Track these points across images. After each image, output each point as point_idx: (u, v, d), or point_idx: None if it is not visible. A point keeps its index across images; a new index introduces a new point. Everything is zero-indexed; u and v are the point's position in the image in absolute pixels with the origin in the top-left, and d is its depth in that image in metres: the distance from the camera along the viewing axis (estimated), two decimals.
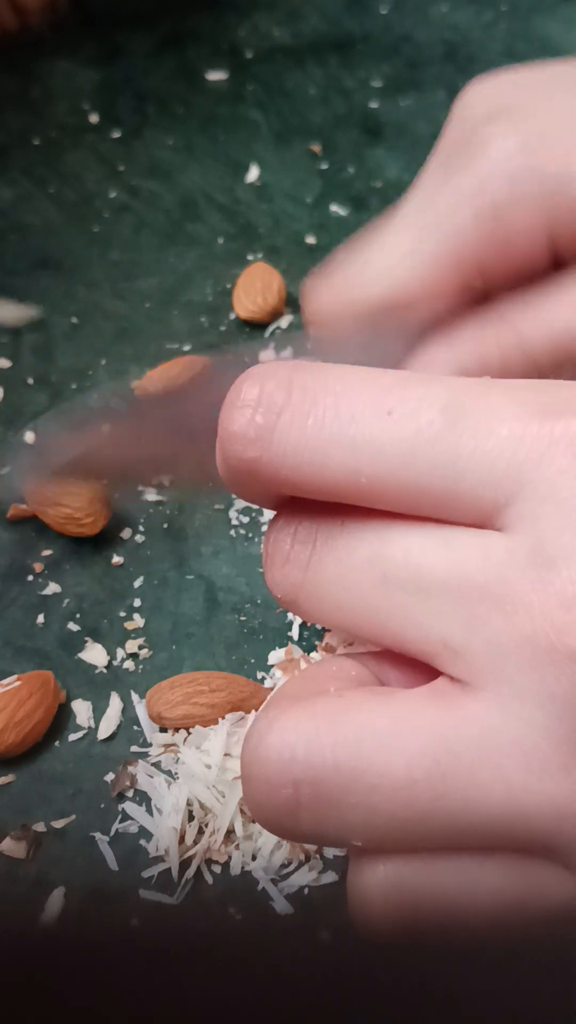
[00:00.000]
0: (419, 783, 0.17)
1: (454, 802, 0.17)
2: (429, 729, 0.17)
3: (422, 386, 0.18)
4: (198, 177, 0.44)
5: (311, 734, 0.18)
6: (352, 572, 0.18)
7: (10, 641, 0.29)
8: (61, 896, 0.24)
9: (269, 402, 0.18)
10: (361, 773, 0.17)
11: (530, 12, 0.52)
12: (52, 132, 0.46)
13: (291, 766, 0.17)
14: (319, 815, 0.17)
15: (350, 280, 0.26)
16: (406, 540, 0.18)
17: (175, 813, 0.25)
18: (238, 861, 0.24)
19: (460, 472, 0.17)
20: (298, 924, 0.23)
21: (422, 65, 0.49)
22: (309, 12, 0.53)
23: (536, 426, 0.17)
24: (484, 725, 0.17)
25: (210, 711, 0.26)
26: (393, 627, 0.18)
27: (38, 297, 0.39)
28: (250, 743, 0.18)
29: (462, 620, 0.17)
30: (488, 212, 0.24)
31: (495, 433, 0.17)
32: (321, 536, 0.19)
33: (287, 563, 0.20)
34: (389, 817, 0.17)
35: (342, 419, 0.18)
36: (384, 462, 0.18)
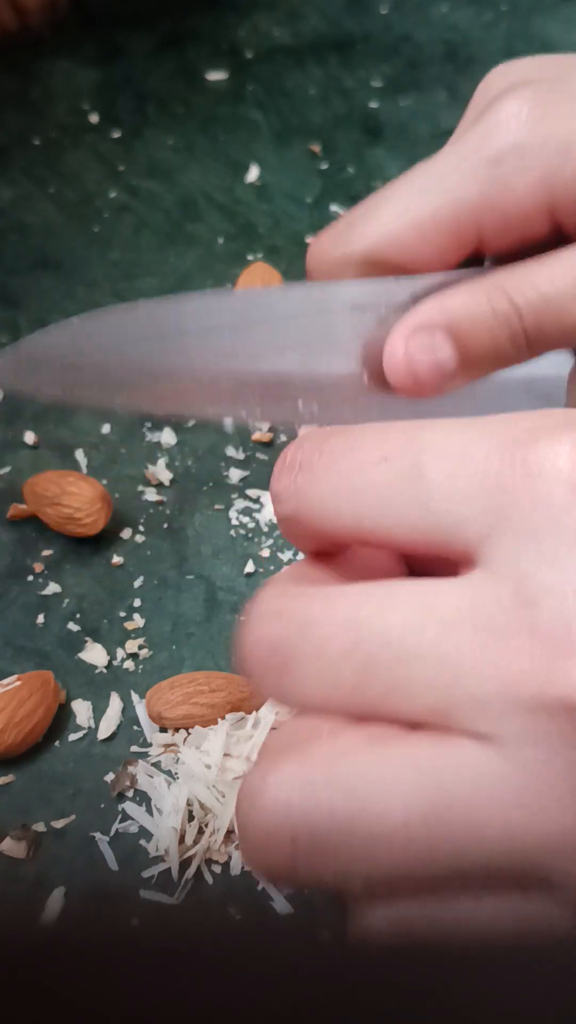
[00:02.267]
0: (416, 828, 0.17)
1: (452, 844, 0.17)
2: (425, 772, 0.17)
3: (406, 432, 0.20)
4: (198, 177, 0.44)
5: (306, 784, 0.18)
6: (330, 667, 0.18)
7: (10, 641, 0.29)
8: (61, 896, 0.24)
9: (304, 462, 0.21)
10: (358, 820, 0.17)
11: (530, 12, 0.52)
12: (52, 132, 0.46)
13: (287, 819, 0.17)
14: (317, 865, 0.17)
15: (349, 232, 0.26)
16: (381, 620, 0.18)
17: (175, 813, 0.25)
18: (238, 861, 0.24)
19: (436, 512, 0.18)
20: (298, 924, 0.23)
21: (422, 65, 0.49)
22: (309, 12, 0.53)
23: (508, 459, 0.18)
24: (478, 767, 0.17)
25: (210, 711, 0.26)
26: (383, 706, 0.18)
27: (38, 297, 0.39)
28: (245, 798, 0.18)
29: (450, 680, 0.17)
30: (488, 173, 0.25)
31: (467, 471, 0.18)
32: (283, 642, 0.19)
33: (266, 671, 0.20)
34: (387, 862, 0.17)
35: (350, 472, 0.20)
36: (378, 507, 0.19)
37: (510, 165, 0.24)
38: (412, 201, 0.25)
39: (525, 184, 0.24)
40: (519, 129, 0.24)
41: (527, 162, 0.24)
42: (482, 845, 0.17)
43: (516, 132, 0.24)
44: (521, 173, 0.24)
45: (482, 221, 0.25)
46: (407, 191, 0.26)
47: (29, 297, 0.39)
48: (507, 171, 0.24)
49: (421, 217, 0.25)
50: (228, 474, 0.33)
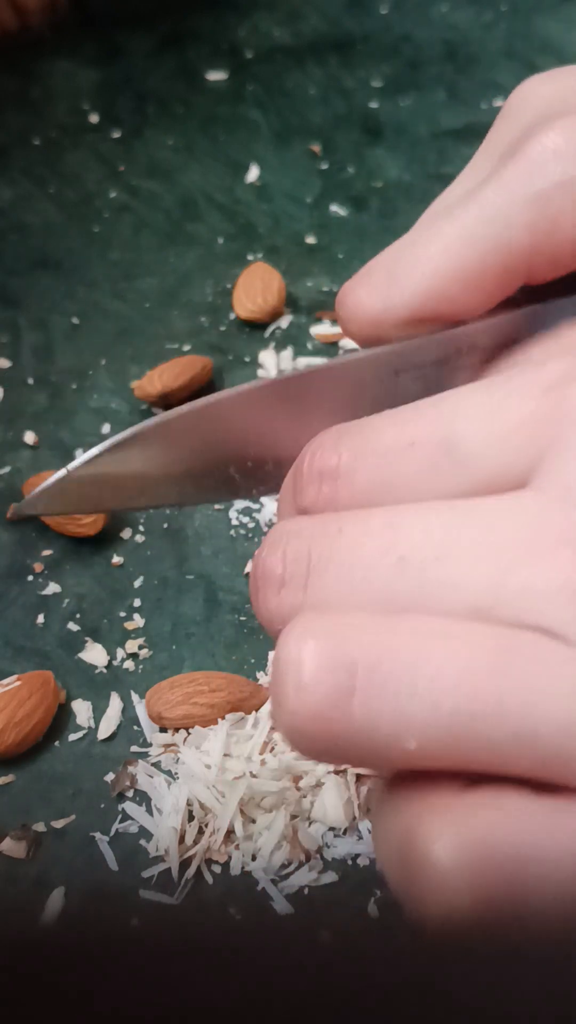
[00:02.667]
0: (482, 677, 0.16)
1: (518, 701, 0.16)
2: (489, 634, 0.16)
3: (426, 411, 0.19)
4: (198, 177, 0.44)
5: (369, 620, 0.17)
6: (361, 569, 0.18)
7: (10, 641, 0.29)
8: (61, 896, 0.24)
9: (325, 470, 0.20)
10: (424, 661, 0.16)
11: (530, 12, 0.52)
12: (52, 132, 0.46)
13: (348, 646, 0.16)
14: (375, 704, 0.16)
15: (390, 285, 0.25)
16: (422, 520, 0.18)
17: (175, 813, 0.25)
18: (238, 861, 0.24)
19: (480, 472, 0.18)
20: (298, 924, 0.23)
21: (422, 65, 0.49)
22: (309, 12, 0.53)
23: (544, 404, 0.18)
24: (538, 641, 0.16)
25: (210, 711, 0.26)
26: (414, 610, 0.17)
27: (38, 297, 0.39)
28: (297, 627, 0.17)
29: (491, 576, 0.17)
30: (536, 214, 0.23)
31: (503, 427, 0.18)
32: (316, 548, 0.18)
33: (282, 587, 0.19)
34: (451, 712, 0.16)
35: (378, 466, 0.19)
36: (416, 489, 0.19)
37: (559, 203, 0.23)
38: (458, 250, 0.24)
39: (575, 222, 0.23)
40: (564, 165, 0.23)
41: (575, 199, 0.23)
42: (549, 711, 0.16)
43: (563, 167, 0.23)
44: (570, 211, 0.23)
45: (532, 262, 0.24)
46: (449, 235, 0.24)
47: (29, 297, 0.39)
48: (556, 210, 0.23)
49: (469, 268, 0.24)
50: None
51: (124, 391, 0.35)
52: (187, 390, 0.34)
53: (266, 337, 0.37)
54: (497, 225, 0.24)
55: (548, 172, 0.23)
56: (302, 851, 0.24)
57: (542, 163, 0.23)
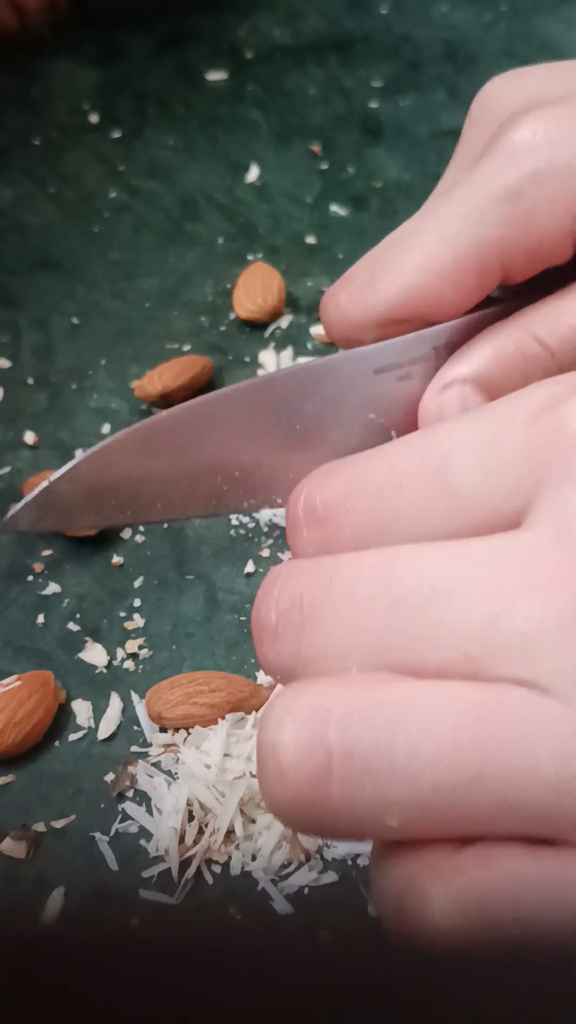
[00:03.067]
0: (462, 749, 0.16)
1: (500, 770, 0.16)
2: (471, 699, 0.16)
3: (417, 446, 0.19)
4: (198, 177, 0.44)
5: (346, 699, 0.16)
6: (356, 611, 0.17)
7: (10, 641, 0.29)
8: (61, 896, 0.24)
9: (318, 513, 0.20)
10: (403, 736, 0.16)
11: (530, 12, 0.52)
12: (52, 132, 0.46)
13: (325, 730, 0.16)
14: (353, 786, 0.16)
15: (369, 287, 0.25)
16: (415, 562, 0.17)
17: (175, 813, 0.25)
18: (238, 861, 0.24)
19: (474, 506, 0.18)
20: (298, 924, 0.23)
21: (422, 65, 0.49)
22: (309, 12, 0.53)
23: (534, 430, 0.18)
24: (528, 700, 0.16)
25: (210, 711, 0.26)
26: (409, 656, 0.17)
27: (38, 297, 0.39)
28: (275, 709, 0.17)
29: (484, 619, 0.16)
30: (509, 210, 0.23)
31: (495, 457, 0.18)
32: (308, 596, 0.18)
33: (277, 637, 0.18)
34: (433, 787, 0.16)
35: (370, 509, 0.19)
36: (410, 526, 0.19)
37: (532, 197, 0.23)
38: (432, 247, 0.24)
39: (549, 214, 0.23)
40: (536, 157, 0.23)
41: (549, 191, 0.23)
42: (537, 775, 0.16)
43: (533, 161, 0.23)
44: (544, 204, 0.23)
45: (507, 258, 0.24)
46: (425, 235, 0.24)
47: (29, 297, 0.39)
48: (529, 204, 0.23)
49: (445, 265, 0.24)
50: None
51: (124, 391, 0.35)
52: (187, 390, 0.34)
53: (266, 337, 0.37)
54: (471, 222, 0.24)
55: (519, 165, 0.23)
56: (302, 851, 0.24)
57: (512, 157, 0.23)
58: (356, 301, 0.25)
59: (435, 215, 0.24)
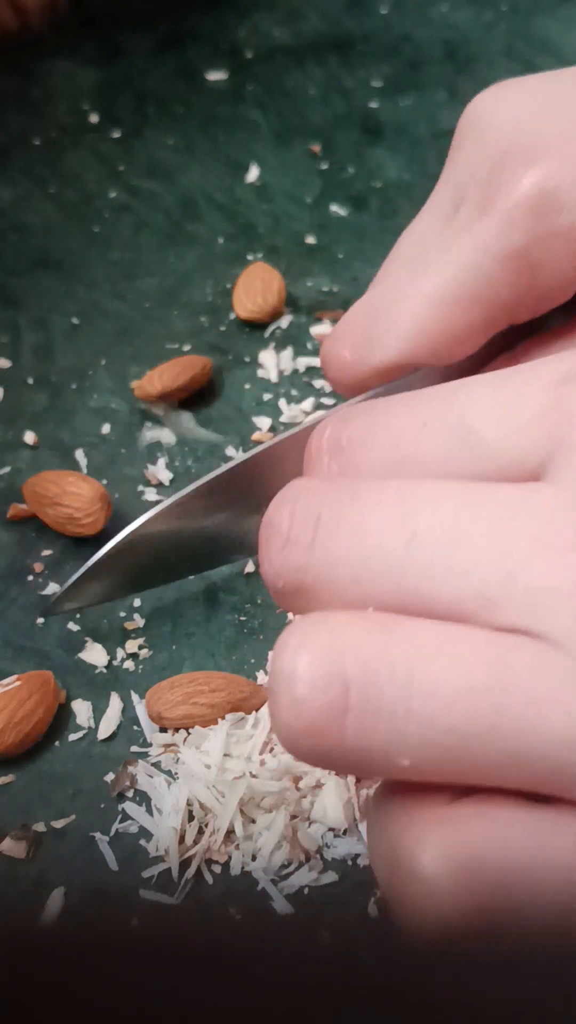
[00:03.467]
0: (478, 695, 0.16)
1: (514, 720, 0.16)
2: (487, 645, 0.16)
3: (440, 396, 0.19)
4: (198, 177, 0.44)
5: (363, 634, 0.16)
6: (372, 537, 0.17)
7: (10, 641, 0.29)
8: (61, 896, 0.24)
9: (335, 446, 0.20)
10: (419, 678, 0.16)
11: (530, 12, 0.52)
12: (52, 132, 0.46)
13: (342, 662, 0.16)
14: (369, 722, 0.16)
15: (372, 343, 0.24)
16: (438, 499, 0.17)
17: (175, 813, 0.25)
18: (238, 861, 0.24)
19: (494, 457, 0.18)
20: (298, 924, 0.23)
21: (422, 65, 0.49)
22: (309, 12, 0.53)
23: (558, 394, 0.18)
24: (540, 655, 0.16)
25: (210, 711, 0.26)
26: (423, 589, 0.17)
27: (38, 297, 0.39)
28: (291, 641, 0.17)
29: (502, 567, 0.16)
30: (516, 268, 0.23)
31: (517, 415, 0.18)
32: (327, 510, 0.18)
33: (287, 544, 0.18)
34: (447, 730, 0.16)
35: (392, 446, 0.19)
36: (430, 467, 0.18)
37: (539, 256, 0.23)
38: (436, 309, 0.24)
39: (556, 270, 0.23)
40: (541, 220, 0.22)
41: (556, 249, 0.23)
42: (545, 729, 0.16)
43: (539, 223, 0.22)
44: (551, 261, 0.23)
45: (514, 312, 0.24)
46: (427, 295, 0.24)
47: (29, 297, 0.39)
48: (535, 263, 0.23)
49: (451, 325, 0.23)
50: None
51: (124, 391, 0.35)
52: (187, 390, 0.34)
53: (266, 337, 0.37)
54: (477, 284, 0.23)
55: (523, 228, 0.23)
56: (302, 851, 0.24)
57: (516, 218, 0.23)
58: (359, 358, 0.25)
59: (436, 272, 0.24)
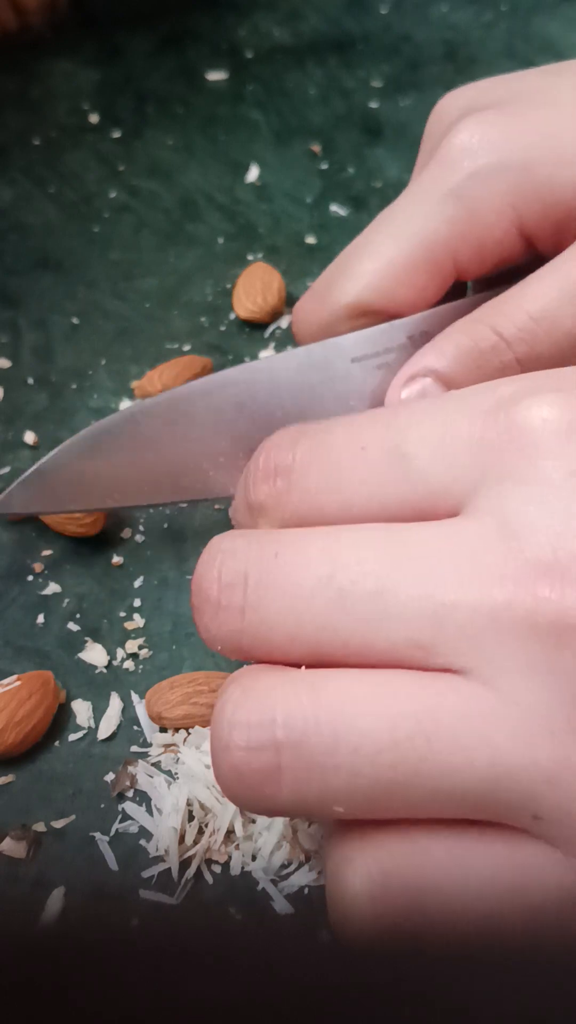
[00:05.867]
0: (402, 744, 0.17)
1: (438, 765, 0.17)
2: (411, 695, 0.17)
3: (380, 420, 0.20)
4: (198, 177, 0.44)
5: (291, 696, 0.17)
6: (301, 596, 0.18)
7: (10, 641, 0.29)
8: (61, 896, 0.24)
9: (280, 466, 0.21)
10: (344, 734, 0.17)
11: (530, 12, 0.52)
12: (52, 132, 0.46)
13: (272, 728, 0.17)
14: (301, 779, 0.17)
15: (329, 291, 0.26)
16: (360, 548, 0.18)
17: (175, 813, 0.25)
18: (238, 861, 0.24)
19: (424, 484, 0.19)
20: (298, 924, 0.23)
21: (422, 65, 0.49)
22: (309, 12, 0.53)
23: (491, 420, 0.18)
24: (466, 695, 0.17)
25: (210, 711, 0.26)
26: (356, 641, 0.18)
27: (38, 297, 0.39)
28: (225, 709, 0.18)
29: (430, 611, 0.17)
30: (453, 207, 0.25)
31: (451, 440, 0.19)
32: (253, 573, 0.19)
33: (219, 610, 0.19)
34: (373, 780, 0.17)
35: (330, 468, 0.20)
36: (364, 493, 0.19)
37: (473, 194, 0.25)
38: (385, 248, 0.25)
39: (491, 210, 0.25)
40: (476, 157, 0.25)
41: (489, 188, 0.25)
42: (468, 770, 0.16)
43: (473, 160, 0.25)
44: (485, 200, 0.25)
45: (456, 254, 0.25)
46: (379, 239, 0.26)
47: (29, 297, 0.39)
48: (471, 201, 0.25)
49: (396, 264, 0.25)
50: None
51: (124, 391, 0.35)
52: None
53: (266, 337, 0.37)
54: (419, 224, 0.25)
55: (459, 167, 0.25)
56: (302, 851, 0.24)
57: (452, 161, 0.25)
58: (320, 305, 0.27)
59: (387, 220, 0.26)
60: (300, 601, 0.18)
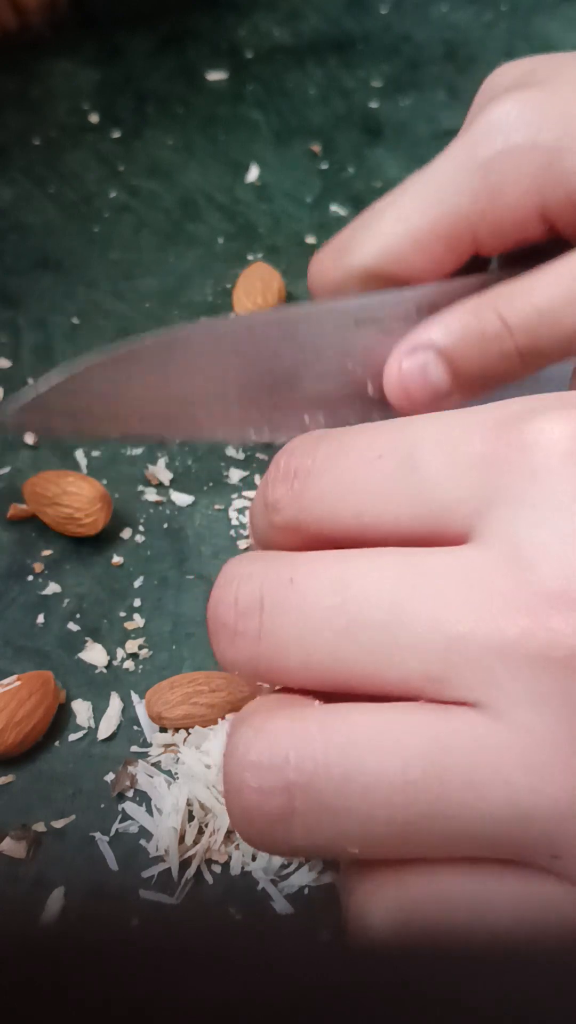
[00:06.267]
0: (416, 784, 0.16)
1: (452, 804, 0.16)
2: (423, 732, 0.17)
3: (397, 428, 0.20)
4: (198, 177, 0.44)
5: (302, 738, 0.17)
6: (313, 626, 0.18)
7: (10, 641, 0.29)
8: (61, 896, 0.24)
9: (299, 469, 0.20)
10: (356, 775, 0.17)
11: (530, 12, 0.52)
12: (52, 132, 0.46)
13: (284, 771, 0.17)
14: (313, 822, 0.17)
15: (348, 248, 0.26)
16: (368, 580, 0.18)
17: (175, 813, 0.25)
18: (238, 861, 0.24)
19: (433, 498, 0.18)
20: (298, 924, 0.23)
21: (422, 65, 0.49)
22: (309, 12, 0.53)
23: (502, 439, 0.18)
24: (480, 730, 0.16)
25: (210, 711, 0.26)
26: (370, 671, 0.17)
27: (38, 297, 0.39)
28: (237, 751, 0.18)
29: (442, 643, 0.17)
30: (479, 181, 0.25)
31: (461, 456, 0.18)
32: (268, 599, 0.18)
33: (236, 636, 0.19)
34: (387, 821, 0.16)
35: (346, 472, 0.20)
36: (377, 501, 0.19)
37: (500, 171, 0.24)
38: (407, 213, 0.25)
39: (516, 189, 0.24)
40: (508, 134, 0.24)
41: (517, 167, 0.24)
42: (484, 808, 0.16)
43: (505, 137, 0.24)
44: (511, 178, 0.24)
45: (476, 228, 0.25)
46: (402, 203, 0.26)
47: (29, 297, 0.39)
48: (497, 177, 0.24)
49: (416, 229, 0.25)
50: (228, 474, 0.33)
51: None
52: None
53: None
54: (444, 191, 0.25)
55: (490, 142, 0.25)
56: None
57: (485, 135, 0.25)
58: (337, 261, 0.26)
59: (413, 185, 0.26)
60: (312, 630, 0.18)
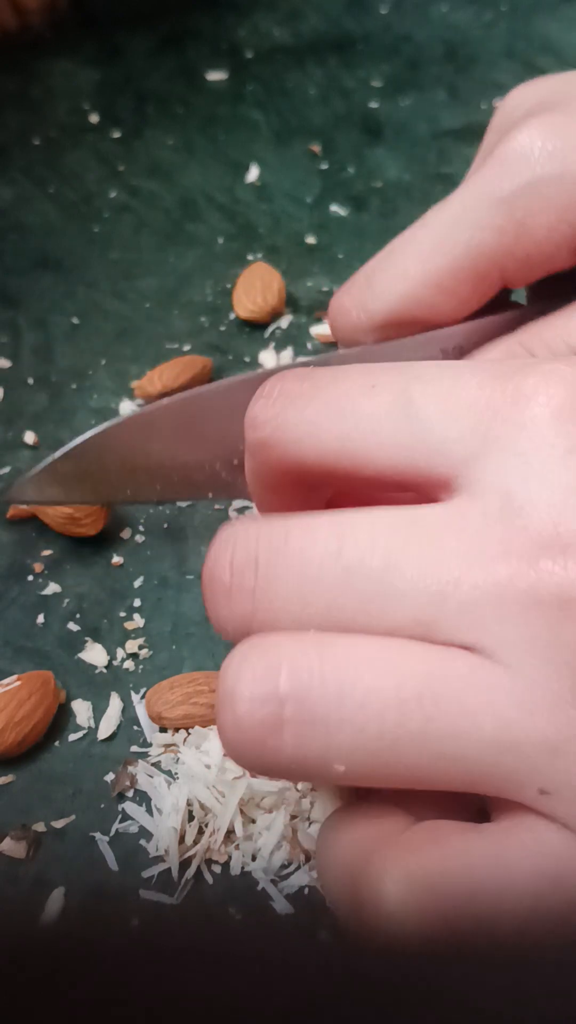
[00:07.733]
0: (408, 704, 0.17)
1: (444, 728, 0.17)
2: (418, 659, 0.17)
3: (395, 367, 0.20)
4: (198, 177, 0.44)
5: (297, 652, 0.17)
6: (309, 577, 0.18)
7: (10, 641, 0.29)
8: (61, 896, 0.24)
9: (286, 391, 0.20)
10: (349, 690, 0.17)
11: (530, 12, 0.52)
12: (52, 132, 0.46)
13: (276, 681, 0.17)
14: (304, 734, 0.17)
15: (368, 292, 0.25)
16: (362, 532, 0.18)
17: (175, 813, 0.25)
18: (238, 861, 0.24)
19: (424, 435, 0.18)
20: (298, 924, 0.23)
21: (422, 65, 0.49)
22: (309, 12, 0.53)
23: (500, 388, 0.18)
24: (473, 666, 0.17)
25: (210, 711, 0.26)
26: (361, 619, 0.18)
27: (38, 297, 0.39)
28: (233, 661, 0.18)
29: (434, 589, 0.17)
30: (504, 217, 0.23)
31: (458, 398, 0.18)
32: (263, 556, 0.19)
33: (231, 594, 0.19)
34: (377, 738, 0.17)
35: (337, 397, 0.19)
36: (364, 429, 0.19)
37: (526, 205, 0.23)
38: (429, 256, 0.24)
39: (544, 222, 0.23)
40: (532, 164, 0.23)
41: (544, 199, 0.23)
42: (474, 735, 0.17)
43: (530, 168, 0.23)
44: (539, 211, 0.23)
45: (503, 265, 0.24)
46: (423, 242, 0.25)
47: (29, 297, 0.39)
48: (524, 212, 0.23)
49: (440, 273, 0.24)
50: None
51: (124, 391, 0.35)
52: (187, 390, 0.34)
53: (266, 337, 0.37)
54: (466, 229, 0.24)
55: (515, 174, 0.23)
56: (302, 851, 0.24)
57: (508, 166, 0.23)
58: (357, 305, 0.25)
59: (433, 222, 0.25)
60: (308, 580, 0.18)
